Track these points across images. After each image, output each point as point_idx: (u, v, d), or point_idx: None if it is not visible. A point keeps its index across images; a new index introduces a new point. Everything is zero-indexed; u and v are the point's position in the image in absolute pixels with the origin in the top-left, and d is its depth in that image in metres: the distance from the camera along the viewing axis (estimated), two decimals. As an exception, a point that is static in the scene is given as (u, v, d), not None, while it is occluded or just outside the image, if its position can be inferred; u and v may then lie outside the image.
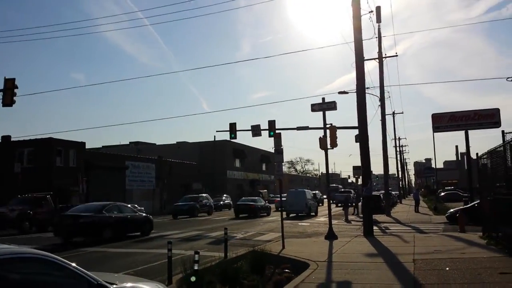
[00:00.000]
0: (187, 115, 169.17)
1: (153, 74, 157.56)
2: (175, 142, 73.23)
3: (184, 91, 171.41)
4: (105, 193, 41.33)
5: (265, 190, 72.41)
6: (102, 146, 74.09)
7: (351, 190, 57.06)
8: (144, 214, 22.42)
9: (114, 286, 4.55)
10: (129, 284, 4.98)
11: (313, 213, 34.11)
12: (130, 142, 78.37)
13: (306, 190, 36.71)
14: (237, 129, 28.66)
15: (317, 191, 59.28)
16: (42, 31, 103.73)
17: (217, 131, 37.56)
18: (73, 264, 4.36)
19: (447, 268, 9.40)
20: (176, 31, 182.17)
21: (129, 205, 22.97)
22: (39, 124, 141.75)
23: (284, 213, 24.80)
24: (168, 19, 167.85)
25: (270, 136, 26.65)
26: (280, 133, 18.67)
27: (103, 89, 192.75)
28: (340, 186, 75.26)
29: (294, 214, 32.64)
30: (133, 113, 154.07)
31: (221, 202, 49.07)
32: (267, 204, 37.83)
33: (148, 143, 76.37)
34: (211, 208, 41.51)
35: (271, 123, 26.50)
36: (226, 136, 32.83)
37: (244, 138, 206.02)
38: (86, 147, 43.94)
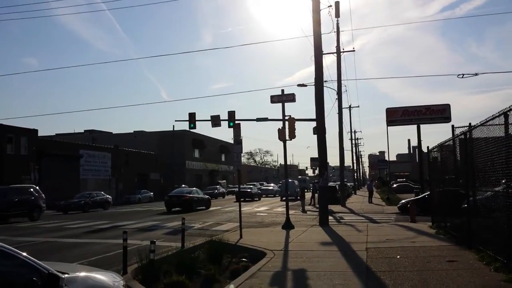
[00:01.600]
0: (145, 103, 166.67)
1: (110, 60, 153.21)
2: (132, 131, 71.84)
3: (142, 79, 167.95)
4: (58, 182, 40.07)
5: (224, 181, 72.46)
6: (56, 134, 71.60)
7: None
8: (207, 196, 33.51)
9: (67, 275, 4.44)
10: (82, 274, 4.88)
11: (298, 197, 35.94)
12: (85, 130, 76.20)
13: (295, 181, 44.29)
14: (197, 119, 28.51)
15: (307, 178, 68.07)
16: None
17: (176, 121, 37.44)
18: (24, 254, 4.23)
19: (398, 256, 9.77)
20: (135, 18, 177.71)
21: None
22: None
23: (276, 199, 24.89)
24: (127, 4, 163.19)
25: (229, 126, 26.63)
26: (239, 124, 18.70)
27: (57, 75, 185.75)
28: (308, 178, 76.50)
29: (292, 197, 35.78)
30: (88, 100, 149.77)
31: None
32: (206, 196, 34.57)
33: (104, 132, 74.47)
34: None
35: (231, 114, 26.46)
36: (185, 126, 32.43)
37: (204, 128, 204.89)
38: (39, 135, 42.38)
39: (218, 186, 58.07)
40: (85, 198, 35.41)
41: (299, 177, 72.08)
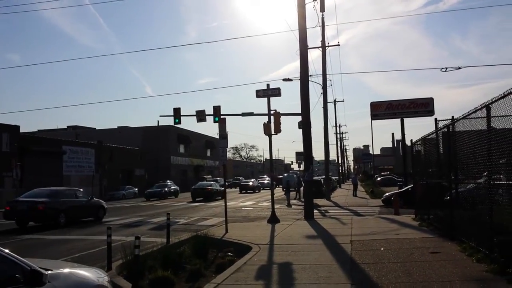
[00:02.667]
0: (130, 98, 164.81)
1: (94, 55, 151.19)
2: (116, 127, 71.07)
3: (127, 74, 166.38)
4: (41, 178, 39.49)
5: (210, 176, 72.22)
6: (38, 130, 70.47)
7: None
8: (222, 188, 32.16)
9: (50, 272, 4.38)
10: (66, 270, 4.82)
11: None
12: (68, 126, 75.14)
13: (294, 175, 44.94)
14: (182, 114, 28.28)
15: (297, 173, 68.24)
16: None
17: (160, 116, 37.39)
18: (6, 250, 4.16)
19: (382, 248, 9.88)
20: (119, 13, 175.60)
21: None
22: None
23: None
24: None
25: (215, 121, 26.53)
26: (225, 119, 18.82)
27: (40, 71, 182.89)
28: (298, 173, 76.98)
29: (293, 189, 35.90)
30: (72, 96, 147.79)
31: (166, 189, 47.08)
32: (221, 188, 39.06)
33: (87, 128, 73.51)
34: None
35: (216, 109, 26.36)
36: (170, 121, 32.43)
37: (189, 124, 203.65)
38: (21, 131, 41.66)
39: (169, 183, 55.92)
40: None
41: (290, 172, 72.69)
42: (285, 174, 44.65)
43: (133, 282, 7.18)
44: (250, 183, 52.00)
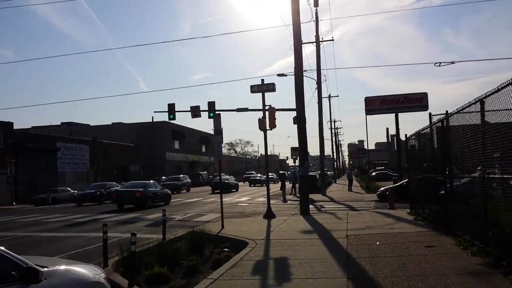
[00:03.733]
0: (124, 94, 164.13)
1: (88, 51, 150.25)
2: (110, 123, 70.85)
3: (121, 70, 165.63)
4: (35, 175, 39.34)
5: (205, 172, 72.18)
6: (32, 127, 70.10)
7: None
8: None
9: (46, 269, 4.37)
10: (62, 267, 4.81)
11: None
12: (62, 123, 74.89)
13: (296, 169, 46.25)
14: (176, 110, 28.20)
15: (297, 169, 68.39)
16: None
17: (155, 112, 37.25)
18: (1, 248, 4.15)
19: (378, 243, 9.92)
20: (112, 8, 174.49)
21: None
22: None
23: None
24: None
25: (210, 117, 26.49)
26: (219, 114, 18.61)
27: (33, 67, 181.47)
28: (297, 168, 77.26)
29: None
30: (65, 92, 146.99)
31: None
32: (236, 182, 46.68)
33: (82, 124, 73.29)
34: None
35: (211, 104, 26.32)
36: (164, 117, 32.37)
37: (184, 120, 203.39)
38: (14, 128, 41.44)
39: (182, 176, 56.11)
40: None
41: (291, 169, 73.14)
42: (292, 170, 46.08)
43: (129, 279, 7.17)
44: (258, 177, 58.15)
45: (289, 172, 44.94)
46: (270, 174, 63.08)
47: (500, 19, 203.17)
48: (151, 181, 31.04)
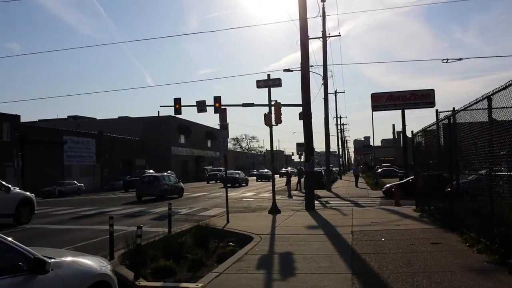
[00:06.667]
0: (130, 88, 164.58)
1: (94, 45, 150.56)
2: (116, 117, 71.06)
3: (127, 64, 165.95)
4: (42, 168, 39.58)
5: (210, 167, 72.32)
6: (38, 120, 70.54)
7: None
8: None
9: (53, 260, 4.41)
10: (68, 258, 4.85)
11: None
12: (68, 116, 75.23)
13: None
14: (182, 104, 28.22)
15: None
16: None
17: (161, 106, 37.24)
18: (9, 238, 4.19)
19: (383, 239, 9.91)
20: (120, 2, 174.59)
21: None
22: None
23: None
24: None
25: (215, 112, 26.53)
26: (225, 109, 18.81)
27: (40, 60, 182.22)
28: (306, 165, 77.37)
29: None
30: (72, 86, 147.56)
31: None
32: (245, 176, 49.35)
33: (88, 118, 73.60)
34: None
35: (217, 99, 26.31)
36: (170, 112, 32.42)
37: (189, 114, 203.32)
38: (21, 121, 41.70)
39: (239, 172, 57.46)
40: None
41: (298, 166, 73.41)
42: (301, 166, 47.12)
43: (135, 271, 7.22)
44: (265, 172, 61.67)
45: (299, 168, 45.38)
46: (290, 169, 63.88)
47: (508, 16, 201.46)
48: (166, 172, 33.89)
